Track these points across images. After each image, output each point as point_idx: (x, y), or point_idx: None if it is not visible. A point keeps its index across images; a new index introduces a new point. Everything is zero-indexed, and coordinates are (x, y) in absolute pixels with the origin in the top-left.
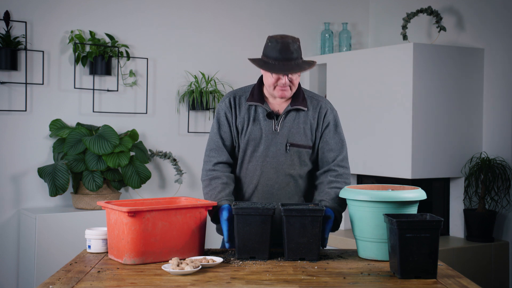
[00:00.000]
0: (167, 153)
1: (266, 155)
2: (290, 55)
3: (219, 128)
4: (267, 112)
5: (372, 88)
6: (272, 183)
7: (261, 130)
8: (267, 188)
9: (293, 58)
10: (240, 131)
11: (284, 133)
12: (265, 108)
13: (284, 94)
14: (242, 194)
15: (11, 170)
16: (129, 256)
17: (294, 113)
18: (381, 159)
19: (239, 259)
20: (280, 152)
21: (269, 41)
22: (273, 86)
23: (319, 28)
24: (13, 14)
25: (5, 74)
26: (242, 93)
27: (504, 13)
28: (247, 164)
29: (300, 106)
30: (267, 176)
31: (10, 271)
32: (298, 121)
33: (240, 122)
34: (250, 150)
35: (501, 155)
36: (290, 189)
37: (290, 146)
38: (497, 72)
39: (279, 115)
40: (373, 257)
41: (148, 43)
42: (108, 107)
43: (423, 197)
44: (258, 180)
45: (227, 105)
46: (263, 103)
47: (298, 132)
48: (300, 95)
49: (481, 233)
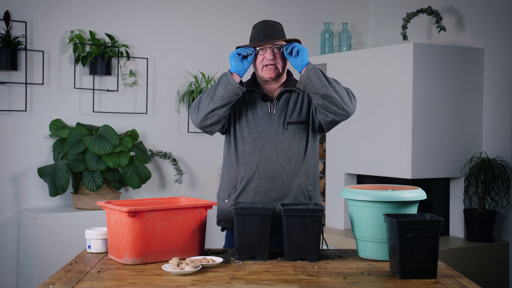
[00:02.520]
0: (167, 153)
1: (265, 136)
2: (271, 32)
3: None
4: (262, 95)
5: (372, 88)
6: (272, 161)
7: (257, 112)
8: (268, 167)
9: (274, 34)
10: (237, 113)
11: (279, 114)
12: (260, 92)
13: (271, 74)
14: (243, 176)
15: (11, 170)
16: (129, 256)
17: (287, 95)
18: (381, 159)
19: (239, 259)
20: (278, 132)
21: (252, 29)
22: (261, 67)
23: (319, 28)
24: (13, 14)
25: (5, 74)
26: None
27: (504, 13)
28: (245, 145)
29: (292, 87)
30: (267, 155)
31: (10, 271)
32: (292, 101)
33: (237, 104)
34: (247, 132)
35: (501, 155)
36: (291, 167)
37: (288, 124)
38: (497, 72)
39: (274, 98)
40: (373, 257)
41: (148, 43)
42: (108, 107)
43: (423, 197)
44: (259, 160)
45: None
46: (258, 88)
47: (293, 111)
48: (292, 79)
49: (481, 233)
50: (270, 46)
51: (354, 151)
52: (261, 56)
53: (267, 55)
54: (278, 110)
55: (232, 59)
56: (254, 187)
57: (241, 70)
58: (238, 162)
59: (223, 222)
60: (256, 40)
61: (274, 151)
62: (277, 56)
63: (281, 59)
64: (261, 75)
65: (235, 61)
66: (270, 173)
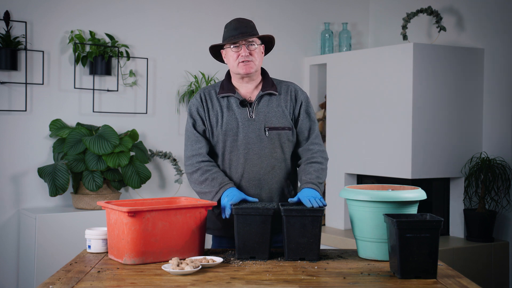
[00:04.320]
0: (167, 153)
1: (248, 143)
2: (244, 29)
3: (194, 124)
4: (240, 100)
5: (372, 88)
6: (257, 169)
7: (237, 119)
8: (253, 175)
9: (247, 31)
10: (215, 123)
11: (260, 119)
12: (237, 97)
13: (247, 69)
14: None
15: (11, 170)
16: (129, 256)
17: (267, 98)
18: (381, 159)
19: (239, 259)
20: (260, 138)
21: (224, 27)
22: (236, 63)
23: (319, 28)
24: (13, 14)
25: (5, 74)
26: (211, 88)
27: (504, 13)
28: (229, 154)
29: (271, 91)
30: (252, 162)
31: (10, 271)
32: (272, 105)
33: (214, 114)
34: (230, 140)
35: (501, 155)
36: (276, 173)
37: (269, 130)
38: (497, 72)
39: (252, 102)
40: (373, 257)
41: (148, 43)
42: (108, 107)
43: (423, 197)
44: (244, 168)
45: (198, 101)
46: (235, 93)
47: (274, 116)
48: (269, 81)
49: (481, 233)
50: (245, 43)
51: (354, 151)
52: (236, 53)
53: (242, 51)
54: (258, 115)
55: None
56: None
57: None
58: (224, 170)
59: (211, 230)
60: (230, 37)
61: (258, 158)
62: (252, 53)
63: (256, 56)
64: (237, 71)
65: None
66: (256, 180)
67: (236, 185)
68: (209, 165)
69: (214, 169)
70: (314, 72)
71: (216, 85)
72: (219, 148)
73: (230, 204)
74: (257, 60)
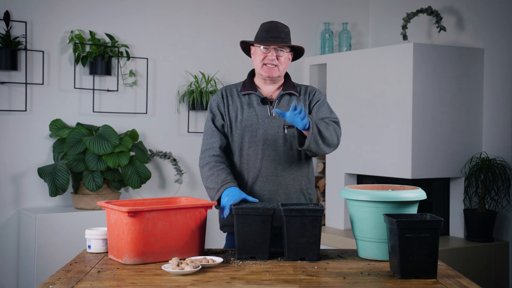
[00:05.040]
0: (167, 153)
1: (266, 139)
2: (278, 34)
3: (213, 118)
4: (261, 98)
5: (372, 88)
6: (275, 165)
7: (257, 116)
8: (271, 170)
9: (280, 36)
10: (235, 118)
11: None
12: (258, 95)
13: (271, 73)
14: (246, 181)
15: (11, 170)
16: (129, 256)
17: (287, 98)
18: (381, 159)
19: (239, 259)
20: (279, 135)
21: (260, 26)
22: (261, 64)
23: (319, 28)
24: (13, 14)
25: (5, 74)
26: (233, 86)
27: (504, 13)
28: (247, 150)
29: (292, 91)
30: (269, 158)
31: (10, 271)
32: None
33: (234, 110)
34: (248, 136)
35: (501, 155)
36: (293, 170)
37: (288, 128)
38: (497, 72)
39: (273, 101)
40: (373, 257)
41: (148, 43)
42: (108, 107)
43: (423, 197)
44: (261, 164)
45: (219, 96)
46: (256, 91)
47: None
48: (290, 82)
49: (481, 233)
50: (275, 47)
51: (354, 151)
52: (263, 55)
53: (270, 55)
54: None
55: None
56: (258, 190)
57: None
58: (241, 166)
59: (227, 227)
60: (262, 39)
61: (276, 154)
62: (279, 58)
63: (282, 61)
64: (260, 72)
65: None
66: (273, 176)
67: (252, 180)
68: (218, 161)
69: (221, 166)
70: (314, 72)
71: (238, 84)
72: (238, 143)
73: (229, 204)
74: (282, 66)
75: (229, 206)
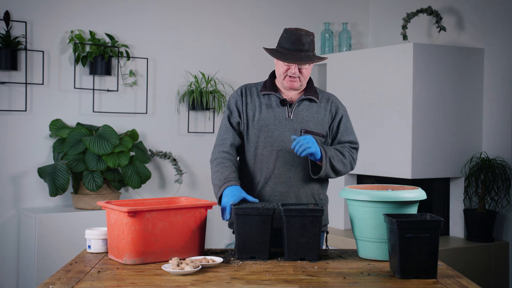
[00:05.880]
0: (167, 153)
1: (282, 140)
2: (301, 46)
3: (230, 115)
4: (281, 100)
5: (372, 88)
6: (288, 166)
7: (275, 117)
8: (284, 172)
9: (304, 49)
10: (252, 117)
11: (297, 120)
12: (278, 96)
13: (293, 85)
14: (258, 181)
15: (11, 170)
16: (129, 256)
17: (307, 103)
18: (381, 159)
19: (239, 259)
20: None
21: (284, 32)
22: (283, 75)
23: (319, 28)
24: (13, 14)
25: (5, 74)
26: (253, 85)
27: (504, 13)
28: (262, 149)
29: (313, 97)
30: (283, 159)
31: (10, 271)
32: (311, 110)
33: (252, 109)
34: (264, 136)
35: (501, 155)
36: (306, 174)
37: (305, 132)
38: (497, 72)
39: (292, 103)
40: (373, 257)
41: (148, 43)
42: (108, 107)
43: (423, 197)
44: (274, 165)
45: (238, 94)
46: (276, 92)
47: (311, 121)
48: (312, 88)
49: (481, 233)
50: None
51: None
52: (286, 67)
53: (293, 67)
54: (296, 116)
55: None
56: (269, 191)
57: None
58: (254, 166)
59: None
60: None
61: (290, 156)
62: (302, 71)
63: (304, 73)
64: (282, 82)
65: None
66: (286, 177)
67: (264, 180)
68: (225, 157)
69: (227, 163)
70: (314, 72)
71: (258, 83)
72: (253, 142)
73: (230, 204)
74: (304, 77)
75: (230, 208)
